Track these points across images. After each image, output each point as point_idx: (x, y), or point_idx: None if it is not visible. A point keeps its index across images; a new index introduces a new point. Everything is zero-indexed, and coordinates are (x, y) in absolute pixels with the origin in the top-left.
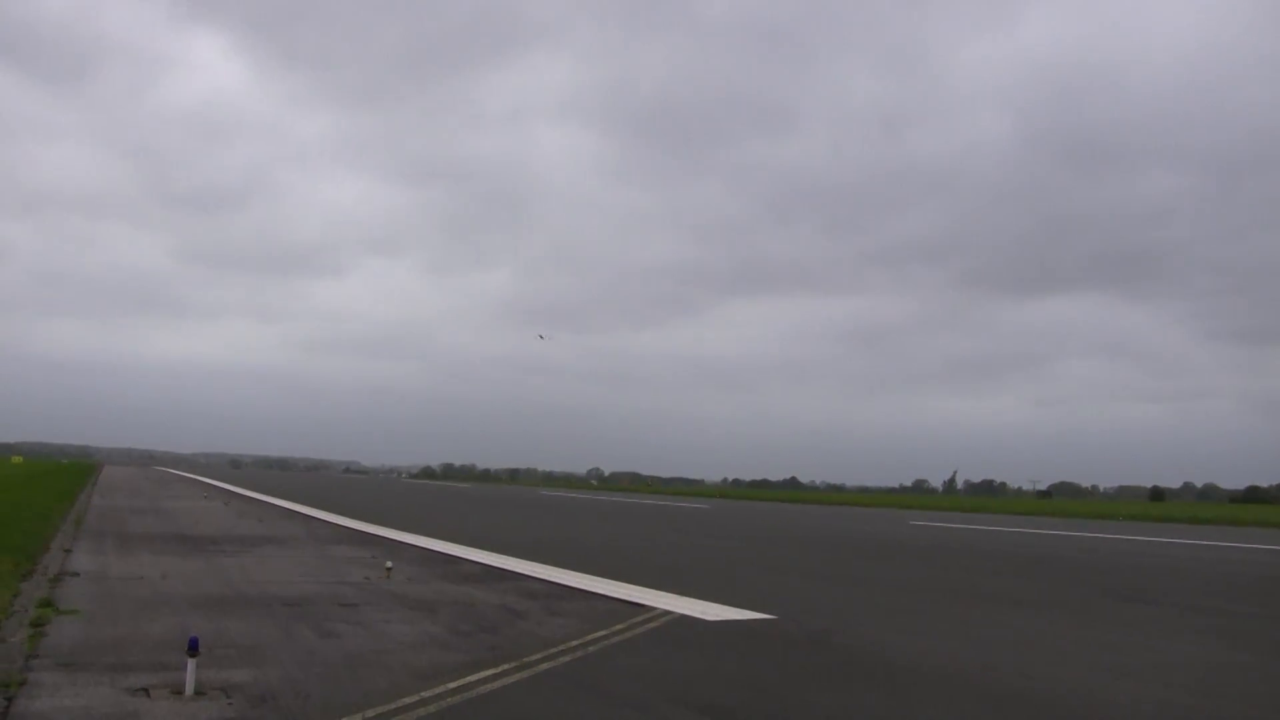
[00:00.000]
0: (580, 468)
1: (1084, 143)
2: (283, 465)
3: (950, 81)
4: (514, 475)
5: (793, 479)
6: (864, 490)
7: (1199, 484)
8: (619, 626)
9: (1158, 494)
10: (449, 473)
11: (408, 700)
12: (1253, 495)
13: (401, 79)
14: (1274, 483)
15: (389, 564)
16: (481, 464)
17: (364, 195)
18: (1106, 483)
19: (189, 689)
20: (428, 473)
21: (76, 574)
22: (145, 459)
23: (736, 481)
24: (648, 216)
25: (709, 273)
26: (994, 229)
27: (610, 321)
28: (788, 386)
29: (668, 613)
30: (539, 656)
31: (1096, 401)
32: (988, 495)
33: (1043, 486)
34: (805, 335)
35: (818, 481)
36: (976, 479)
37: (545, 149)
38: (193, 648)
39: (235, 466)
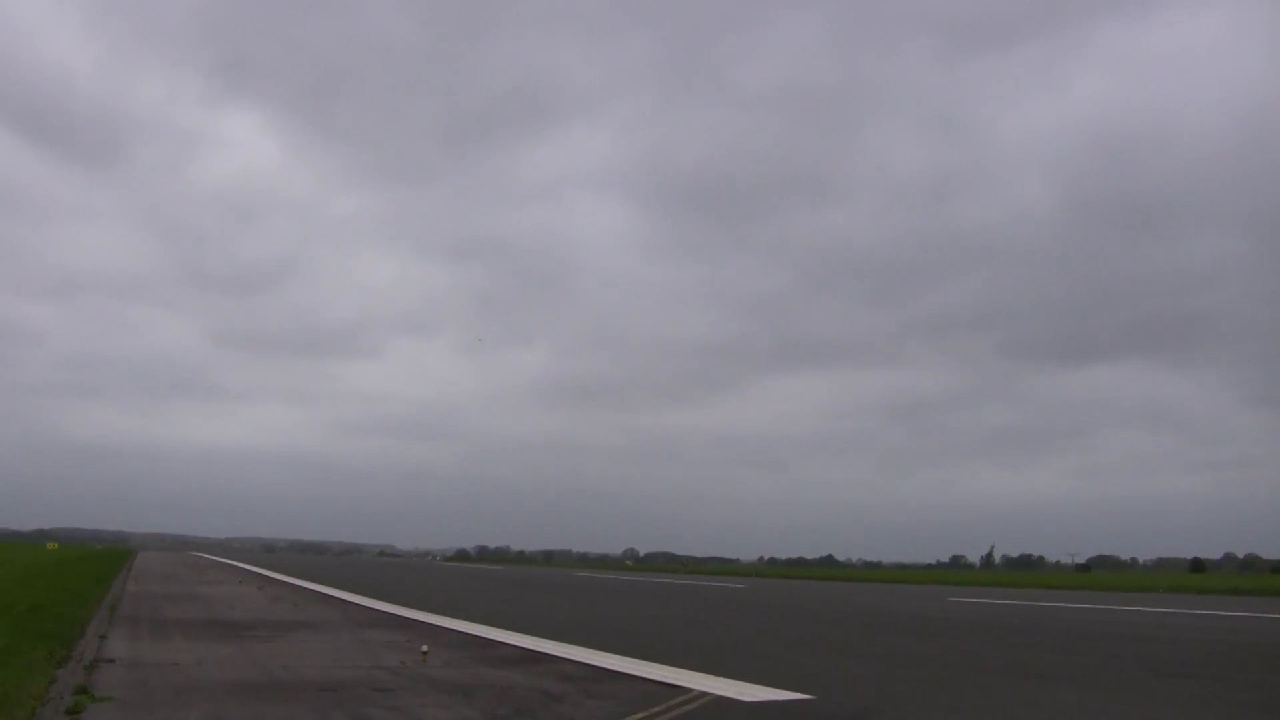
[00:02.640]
0: (615, 548)
1: (1130, 206)
2: (317, 549)
3: (996, 147)
4: (549, 557)
5: (829, 556)
6: (901, 567)
7: (1240, 554)
8: (657, 709)
9: (1198, 565)
10: (483, 555)
11: None
12: None
13: (438, 154)
14: None
15: (425, 648)
16: (515, 546)
17: (398, 274)
18: (1146, 555)
19: None
20: (462, 555)
21: (112, 660)
22: (179, 544)
23: (773, 560)
24: (686, 291)
25: (747, 348)
26: (1037, 297)
27: (647, 400)
28: (825, 462)
29: (705, 694)
30: None
31: (1137, 472)
32: (1026, 569)
33: (1081, 560)
34: (843, 410)
35: (854, 559)
36: (1014, 553)
37: (582, 223)
38: None
39: (269, 551)
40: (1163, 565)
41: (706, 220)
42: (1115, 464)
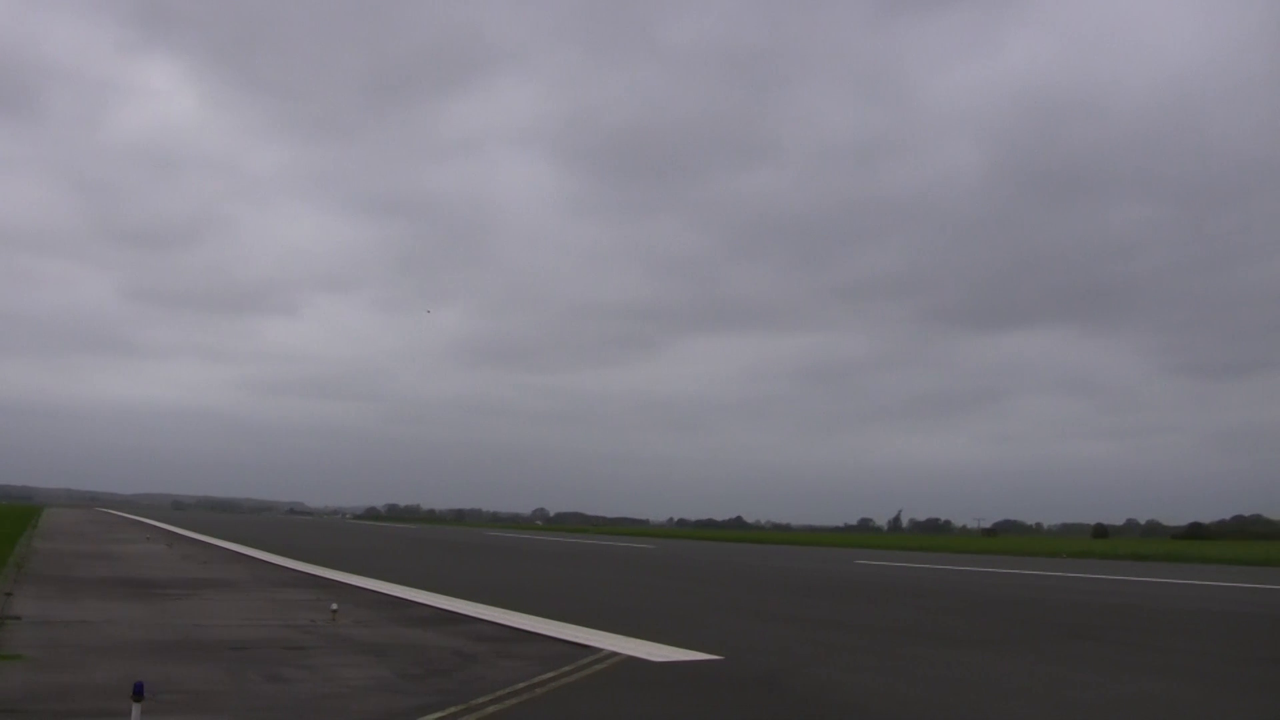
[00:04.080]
0: (526, 508)
1: (1057, 173)
2: (226, 507)
3: (925, 111)
4: (459, 516)
5: (738, 518)
6: (810, 529)
7: (1142, 520)
8: (568, 669)
9: (1101, 531)
10: (394, 514)
11: None
12: (1195, 532)
13: (361, 109)
14: (1217, 519)
15: (335, 606)
16: (426, 504)
17: (318, 230)
18: (1051, 520)
19: None
20: (372, 514)
21: (19, 618)
22: (88, 500)
23: (682, 521)
24: (609, 252)
25: (669, 310)
26: (960, 263)
27: (566, 361)
28: (742, 425)
29: (615, 654)
30: (488, 699)
31: (1050, 438)
32: (933, 533)
33: (987, 524)
34: (764, 373)
35: (763, 520)
36: (922, 517)
37: (506, 181)
38: (138, 693)
39: (178, 508)
40: (1067, 530)
41: (631, 180)
42: (1027, 430)
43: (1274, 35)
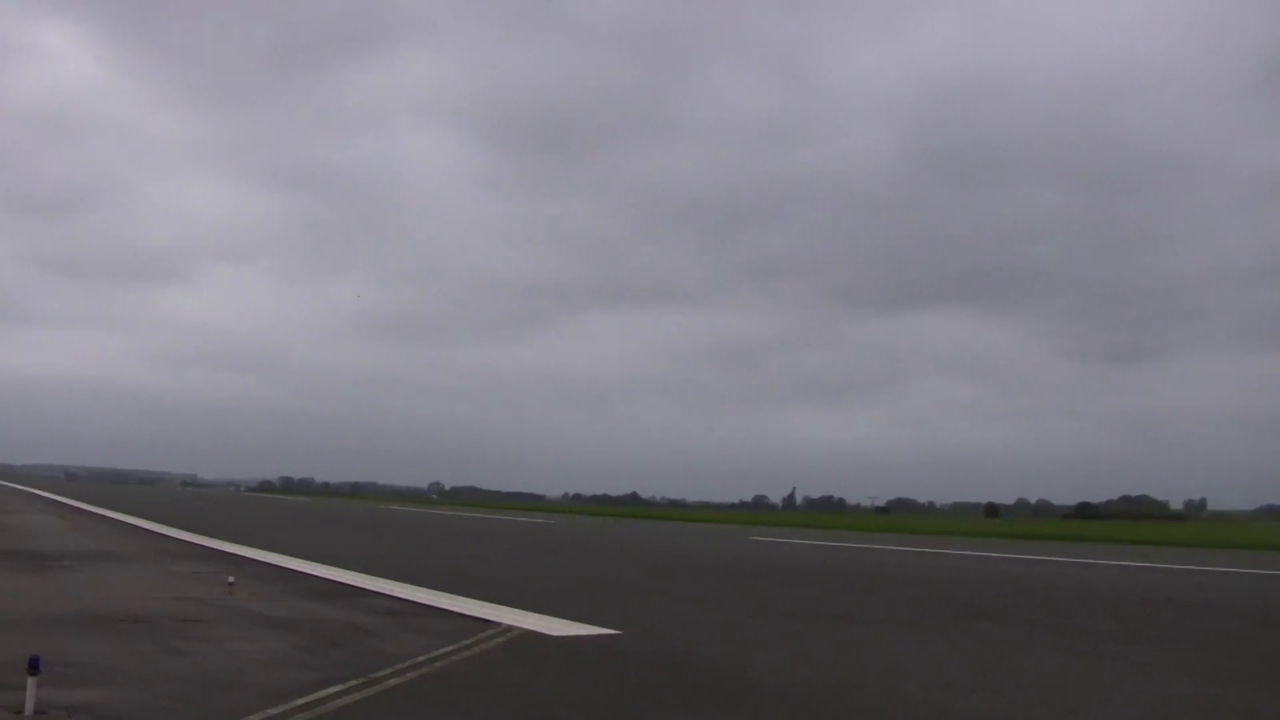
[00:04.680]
0: (421, 482)
1: (964, 156)
2: (119, 478)
3: (836, 91)
4: (355, 490)
5: (633, 494)
6: (705, 505)
7: (1033, 500)
8: (466, 642)
9: (992, 510)
10: (289, 487)
11: (254, 718)
12: (1084, 511)
13: (266, 78)
14: (1106, 499)
15: (231, 579)
16: (321, 478)
17: (219, 199)
18: (943, 499)
19: (29, 709)
20: (267, 487)
21: None
22: None
23: (578, 496)
24: (514, 227)
25: (572, 286)
26: (865, 243)
27: (466, 336)
28: (641, 402)
29: (513, 628)
30: (388, 673)
31: (946, 419)
32: (827, 511)
33: (881, 502)
34: (665, 351)
35: (659, 497)
36: (817, 495)
37: (413, 154)
38: (33, 666)
39: (70, 479)
40: (959, 509)
41: (540, 155)
42: (924, 410)
43: (1182, 22)
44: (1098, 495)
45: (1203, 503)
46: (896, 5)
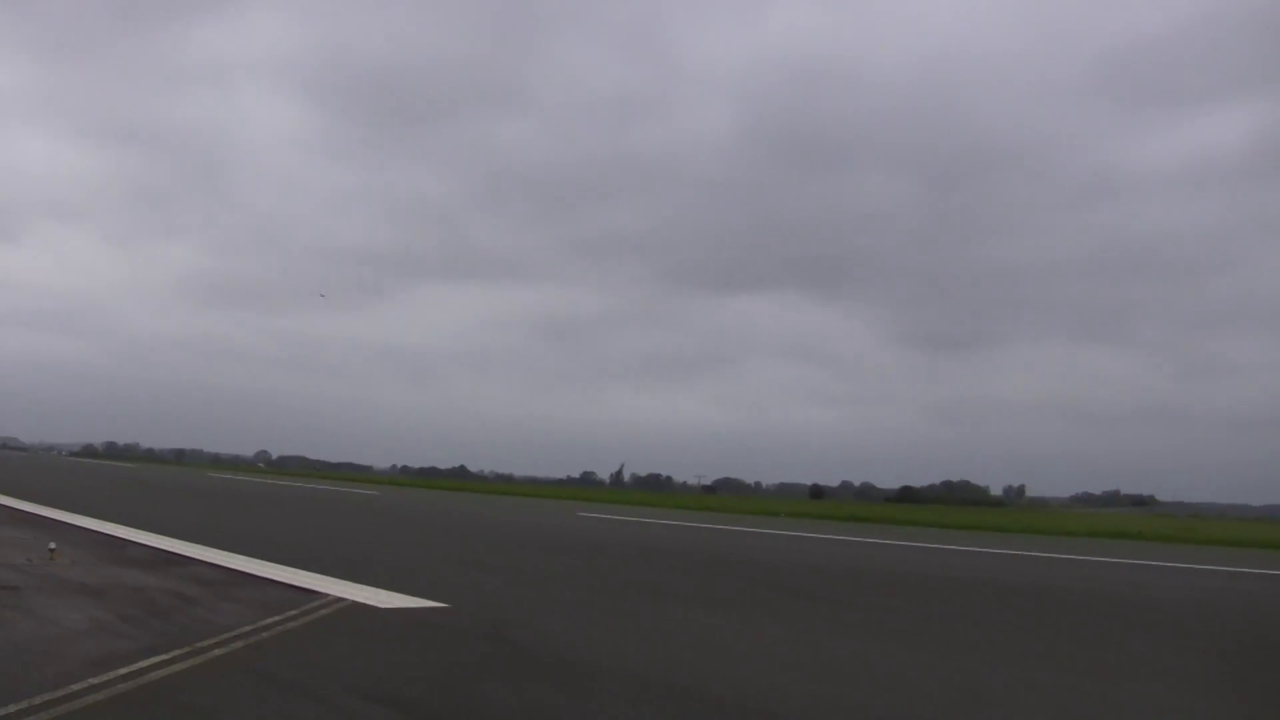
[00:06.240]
0: (248, 450)
1: (808, 141)
2: None
3: (686, 71)
4: (180, 456)
5: (461, 467)
6: (533, 481)
7: (857, 483)
8: (293, 613)
9: (817, 492)
10: (112, 452)
11: (76, 687)
12: (906, 495)
13: (100, 28)
14: (928, 484)
15: (52, 545)
16: (146, 444)
17: (47, 154)
18: (769, 479)
19: None
20: (90, 451)
21: None
22: None
23: (405, 468)
24: (351, 194)
25: (408, 257)
26: (704, 224)
27: (299, 304)
28: (472, 375)
29: (340, 599)
30: (211, 643)
31: (775, 401)
32: (654, 489)
33: (708, 481)
34: (498, 325)
35: (487, 471)
36: (644, 472)
37: (249, 116)
38: None
39: None
40: (784, 490)
41: (382, 123)
42: (753, 392)
43: (1029, 19)
44: (921, 480)
45: (1021, 489)
46: None
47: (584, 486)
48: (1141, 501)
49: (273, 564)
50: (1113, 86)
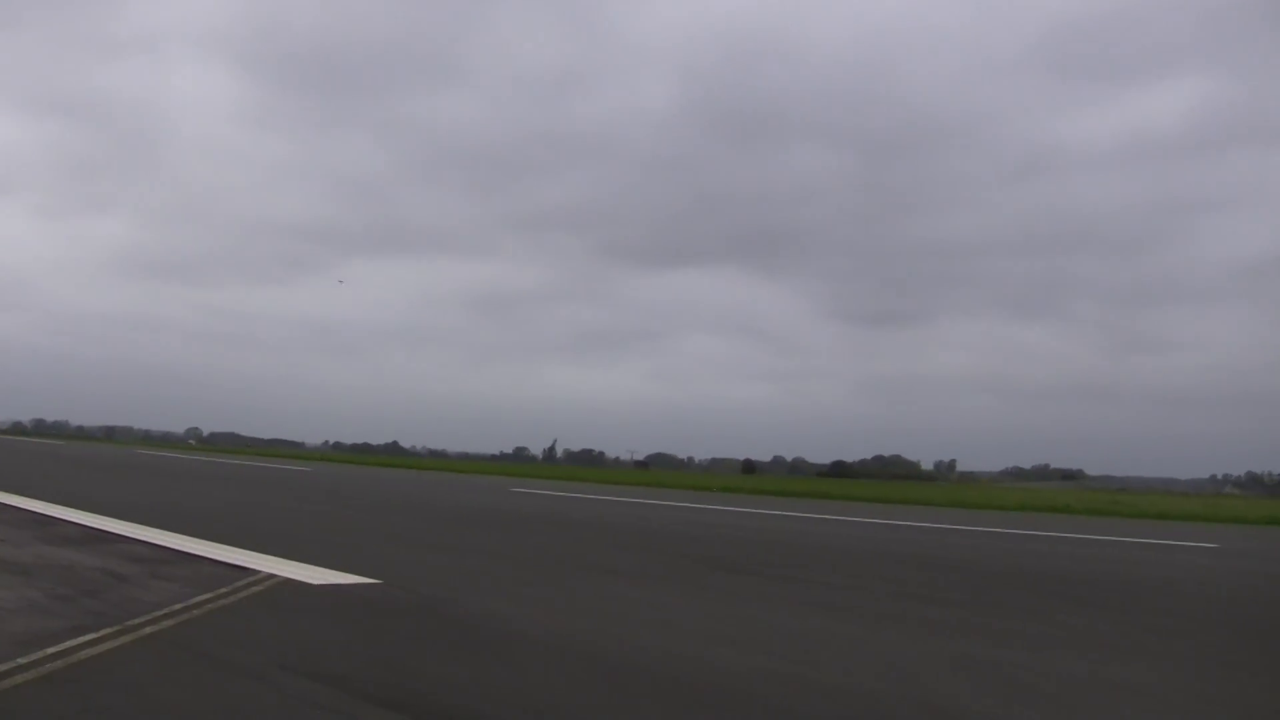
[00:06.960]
0: (179, 427)
1: (745, 116)
2: None
3: (624, 45)
4: (110, 433)
5: (394, 443)
6: (466, 456)
7: (789, 458)
8: (224, 590)
9: (749, 466)
10: (41, 429)
11: (4, 667)
12: (838, 469)
13: None
14: (860, 458)
15: None
16: (75, 421)
17: None
18: (702, 454)
19: None
20: (18, 429)
21: None
22: None
23: (338, 444)
24: (287, 168)
25: (344, 231)
26: (640, 199)
27: (231, 279)
28: (406, 351)
29: (272, 576)
30: (143, 620)
31: (709, 376)
32: (587, 464)
33: (640, 456)
34: (433, 300)
35: (420, 446)
36: (577, 448)
37: (183, 86)
38: None
39: None
40: (716, 465)
41: (317, 95)
42: (688, 367)
43: None
44: (854, 454)
45: (952, 464)
46: None
47: (517, 462)
48: (1071, 476)
49: (205, 541)
50: (1050, 62)
